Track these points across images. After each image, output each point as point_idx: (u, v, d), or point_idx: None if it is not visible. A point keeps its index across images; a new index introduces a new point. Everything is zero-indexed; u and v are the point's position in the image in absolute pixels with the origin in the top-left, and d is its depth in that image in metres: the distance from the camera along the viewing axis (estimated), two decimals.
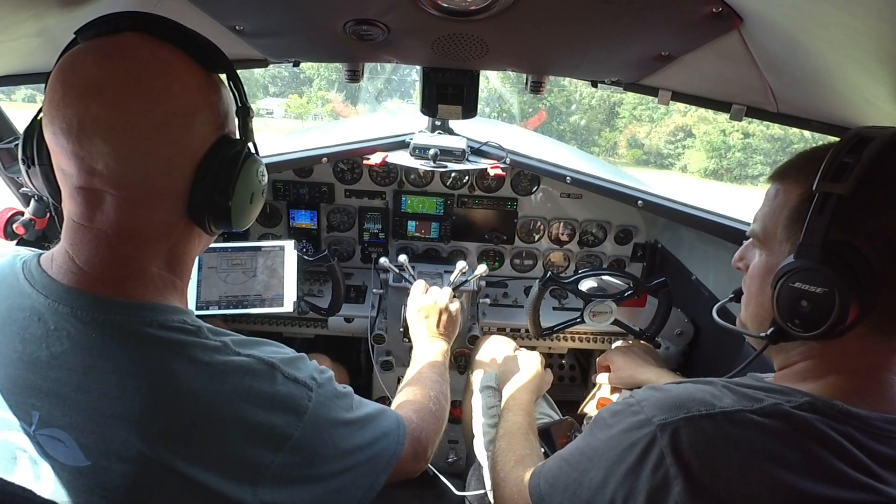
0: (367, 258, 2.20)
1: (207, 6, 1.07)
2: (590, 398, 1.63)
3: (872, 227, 0.63)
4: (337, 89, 21.75)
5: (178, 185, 0.67)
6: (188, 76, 0.66)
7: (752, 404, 0.65)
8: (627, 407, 0.73)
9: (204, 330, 0.68)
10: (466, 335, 1.82)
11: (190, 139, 0.66)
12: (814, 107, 1.07)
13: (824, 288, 0.64)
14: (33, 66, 1.12)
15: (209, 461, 0.62)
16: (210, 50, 0.68)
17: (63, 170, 0.63)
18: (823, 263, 0.63)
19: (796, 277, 0.67)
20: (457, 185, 2.10)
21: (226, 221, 0.71)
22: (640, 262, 2.22)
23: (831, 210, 0.63)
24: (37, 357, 0.62)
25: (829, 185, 0.63)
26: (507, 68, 1.62)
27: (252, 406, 0.65)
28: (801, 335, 0.68)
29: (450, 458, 2.00)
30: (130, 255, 0.66)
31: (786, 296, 0.68)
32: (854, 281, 0.62)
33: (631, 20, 1.03)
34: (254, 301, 1.55)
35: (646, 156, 28.48)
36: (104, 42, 0.63)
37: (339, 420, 0.76)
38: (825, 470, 0.60)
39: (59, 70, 0.62)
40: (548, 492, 0.82)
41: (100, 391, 0.60)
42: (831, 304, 0.63)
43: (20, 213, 1.36)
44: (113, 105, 0.60)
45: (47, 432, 0.61)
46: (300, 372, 0.73)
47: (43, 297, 0.64)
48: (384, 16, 1.12)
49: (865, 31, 0.72)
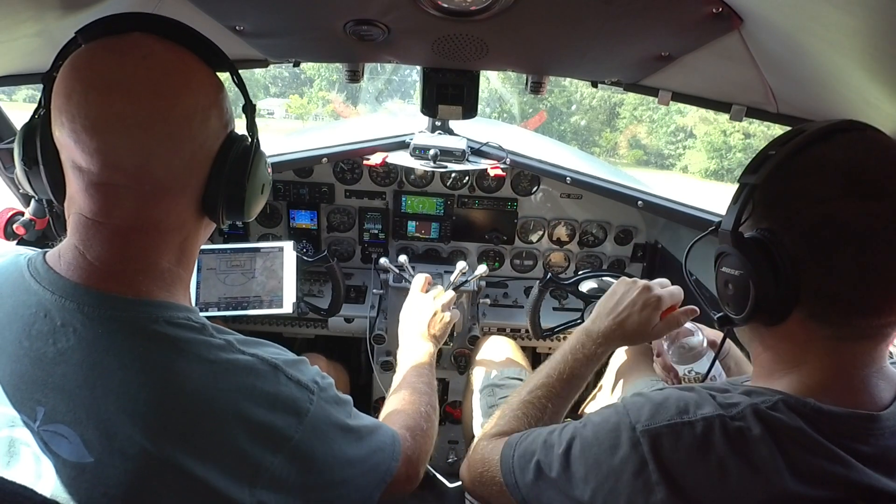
0: (367, 258, 2.20)
1: (208, 6, 1.08)
2: (590, 398, 1.63)
3: (783, 216, 0.66)
4: (338, 90, 21.74)
5: (196, 178, 0.69)
6: (201, 74, 0.68)
7: (730, 409, 0.65)
8: (614, 411, 0.74)
9: (208, 327, 0.69)
10: (466, 335, 1.82)
11: (207, 134, 0.68)
12: (814, 107, 1.07)
13: (740, 271, 0.69)
14: (33, 67, 1.12)
15: (211, 457, 0.62)
16: (215, 50, 0.70)
17: (80, 167, 0.63)
18: (735, 247, 0.68)
19: (721, 262, 0.73)
20: (457, 186, 2.10)
21: (239, 212, 0.74)
22: (640, 263, 2.22)
23: (746, 198, 0.68)
24: (43, 353, 0.62)
25: (747, 175, 0.69)
26: (508, 68, 1.62)
27: (254, 405, 0.66)
28: (736, 319, 0.72)
29: (450, 459, 2.00)
30: (144, 250, 0.67)
31: (719, 280, 0.75)
32: (767, 264, 0.65)
33: (631, 21, 1.03)
34: (253, 302, 1.54)
35: (647, 156, 28.43)
36: (116, 41, 0.64)
37: (339, 425, 0.76)
38: (805, 469, 0.60)
39: (73, 68, 0.62)
40: (519, 465, 0.81)
41: (104, 387, 0.61)
42: (747, 286, 0.68)
43: (20, 213, 1.36)
44: (137, 101, 0.61)
45: (52, 428, 0.61)
46: (303, 375, 0.73)
47: (49, 294, 0.64)
48: (384, 16, 1.12)
49: (865, 31, 0.72)
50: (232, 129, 0.73)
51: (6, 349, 0.63)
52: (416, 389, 1.11)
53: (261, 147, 0.77)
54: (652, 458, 0.64)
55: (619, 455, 0.67)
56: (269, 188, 0.82)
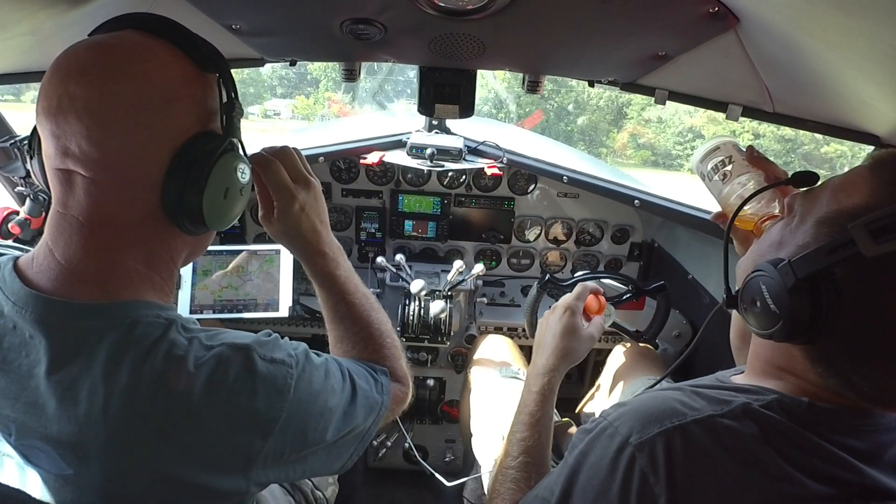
0: (364, 257, 2.20)
1: (203, 5, 1.07)
2: (589, 398, 1.63)
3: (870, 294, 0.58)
4: (343, 90, 21.60)
5: (150, 174, 0.65)
6: (172, 66, 0.65)
7: (722, 407, 0.65)
8: (601, 431, 0.70)
9: (177, 323, 0.66)
10: (463, 334, 1.83)
11: (164, 126, 0.64)
12: (810, 107, 1.07)
13: (776, 310, 0.63)
14: (27, 66, 1.11)
15: (193, 459, 0.62)
16: (203, 47, 0.68)
17: (46, 153, 0.64)
18: (792, 294, 0.61)
19: (765, 280, 0.64)
20: (454, 185, 2.10)
21: (197, 216, 0.68)
22: (636, 262, 2.23)
23: (845, 258, 0.57)
24: (18, 366, 0.61)
25: (862, 232, 0.55)
26: (504, 68, 1.62)
27: (231, 395, 0.64)
28: (750, 328, 0.69)
29: (447, 458, 2.00)
30: (107, 246, 0.65)
31: (749, 285, 0.68)
32: (808, 322, 0.60)
33: (627, 20, 1.03)
34: (248, 306, 1.53)
35: (654, 157, 28.25)
36: (104, 36, 0.65)
37: (322, 390, 0.74)
38: (800, 468, 0.60)
39: (55, 61, 0.63)
40: None
41: (73, 399, 0.59)
42: (773, 324, 0.63)
43: (15, 212, 1.36)
44: (89, 84, 0.60)
45: (26, 442, 0.60)
46: (277, 351, 0.70)
47: (13, 305, 0.63)
48: (381, 15, 1.11)
49: (861, 31, 0.72)
50: (210, 129, 0.69)
51: None
52: (371, 305, 0.98)
53: (239, 149, 0.73)
54: (651, 470, 0.62)
55: (618, 479, 0.65)
56: (242, 195, 0.74)
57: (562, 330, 1.16)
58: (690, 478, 0.62)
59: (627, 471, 0.64)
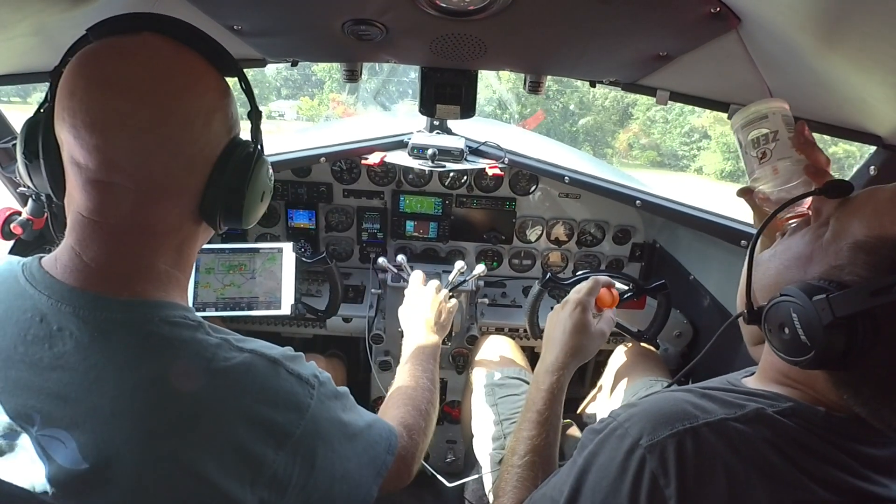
0: (365, 258, 2.20)
1: (205, 5, 1.07)
2: (590, 398, 1.63)
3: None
4: (348, 91, 21.61)
5: (194, 183, 0.68)
6: (208, 77, 0.68)
7: (735, 411, 0.64)
8: (611, 431, 0.70)
9: (205, 326, 0.69)
10: (465, 335, 1.82)
11: (208, 139, 0.68)
12: (811, 107, 1.07)
13: (808, 343, 0.60)
14: (31, 66, 1.12)
15: (212, 456, 0.62)
16: (224, 55, 0.70)
17: (79, 163, 0.63)
18: (827, 330, 0.57)
19: (797, 309, 0.60)
20: (455, 185, 2.10)
21: (236, 219, 0.73)
22: (638, 262, 2.23)
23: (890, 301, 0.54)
24: (39, 358, 0.62)
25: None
26: (506, 68, 1.62)
27: (255, 402, 0.65)
28: (774, 349, 0.66)
29: (448, 458, 2.00)
30: (140, 251, 0.67)
31: (778, 308, 0.63)
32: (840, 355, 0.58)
33: (629, 20, 1.03)
34: (251, 303, 1.54)
35: (661, 157, 28.11)
36: (125, 40, 0.64)
37: (338, 420, 0.76)
38: (812, 475, 0.59)
39: (79, 66, 0.62)
40: None
41: (100, 390, 0.60)
42: (803, 354, 0.60)
43: (17, 212, 1.36)
44: (140, 101, 0.61)
45: (49, 433, 0.60)
46: (303, 369, 0.73)
47: (45, 298, 0.64)
48: (382, 16, 1.12)
49: (863, 31, 0.72)
50: (236, 135, 0.73)
51: (1, 356, 0.63)
52: (419, 385, 1.10)
53: (264, 154, 0.76)
54: (662, 472, 0.62)
55: (628, 480, 0.64)
56: (270, 196, 0.81)
57: (572, 327, 1.14)
58: (701, 481, 0.61)
59: (638, 472, 0.63)
